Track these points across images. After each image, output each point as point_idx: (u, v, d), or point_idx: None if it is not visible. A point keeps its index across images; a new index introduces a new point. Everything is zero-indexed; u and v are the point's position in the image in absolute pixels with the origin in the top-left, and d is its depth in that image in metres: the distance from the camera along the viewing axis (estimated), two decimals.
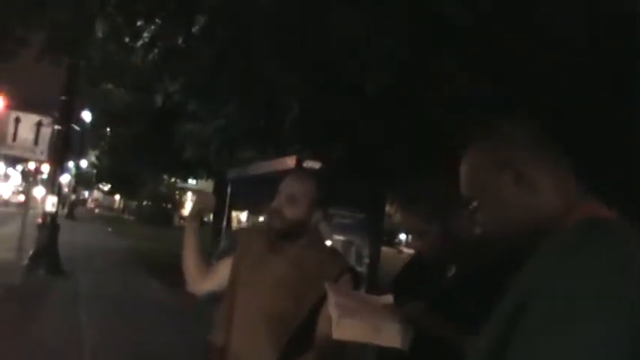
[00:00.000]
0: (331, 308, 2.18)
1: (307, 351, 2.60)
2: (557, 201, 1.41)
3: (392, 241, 56.56)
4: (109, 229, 35.89)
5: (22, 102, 22.62)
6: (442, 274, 2.54)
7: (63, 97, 15.79)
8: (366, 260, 12.68)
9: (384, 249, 16.84)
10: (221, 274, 2.92)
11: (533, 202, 1.42)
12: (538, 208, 1.42)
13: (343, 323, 2.10)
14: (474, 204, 1.51)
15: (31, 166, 26.89)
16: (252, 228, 2.89)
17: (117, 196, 70.29)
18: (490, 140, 1.51)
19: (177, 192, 55.20)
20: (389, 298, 2.40)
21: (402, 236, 67.25)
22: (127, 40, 12.09)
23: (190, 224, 3.08)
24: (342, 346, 2.28)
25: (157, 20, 11.08)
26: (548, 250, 1.30)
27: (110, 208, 72.63)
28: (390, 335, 2.13)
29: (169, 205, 52.95)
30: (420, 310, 2.26)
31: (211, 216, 20.30)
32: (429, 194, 2.55)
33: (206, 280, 2.99)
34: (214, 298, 3.04)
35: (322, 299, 2.55)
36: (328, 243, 10.48)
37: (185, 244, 3.04)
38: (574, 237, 1.30)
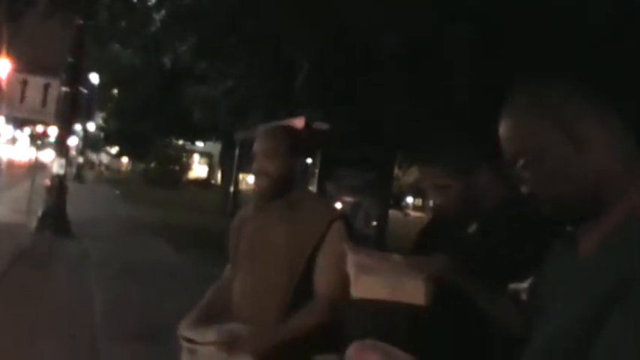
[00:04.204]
0: (349, 267, 2.15)
1: (308, 301, 2.66)
2: (612, 160, 1.34)
3: (399, 205, 56.58)
4: (117, 192, 35.93)
5: (28, 65, 22.56)
6: (463, 231, 2.53)
7: (70, 59, 15.67)
8: (374, 222, 12.64)
9: (391, 212, 16.76)
10: None
11: (588, 159, 1.34)
12: (592, 166, 1.34)
13: (362, 280, 2.07)
14: (521, 161, 1.41)
15: (39, 129, 26.93)
16: (240, 213, 2.98)
17: (124, 159, 70.43)
18: (537, 95, 1.42)
19: (185, 154, 55.16)
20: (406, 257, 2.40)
21: (409, 199, 67.48)
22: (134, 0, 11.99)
23: None
24: (348, 303, 2.25)
25: None
26: None
27: (118, 170, 72.76)
28: (411, 291, 2.08)
29: (177, 167, 52.91)
30: (446, 262, 2.21)
31: (219, 178, 20.23)
32: (452, 149, 2.55)
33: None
34: None
35: (316, 249, 2.68)
36: (338, 205, 10.46)
37: None
38: None
